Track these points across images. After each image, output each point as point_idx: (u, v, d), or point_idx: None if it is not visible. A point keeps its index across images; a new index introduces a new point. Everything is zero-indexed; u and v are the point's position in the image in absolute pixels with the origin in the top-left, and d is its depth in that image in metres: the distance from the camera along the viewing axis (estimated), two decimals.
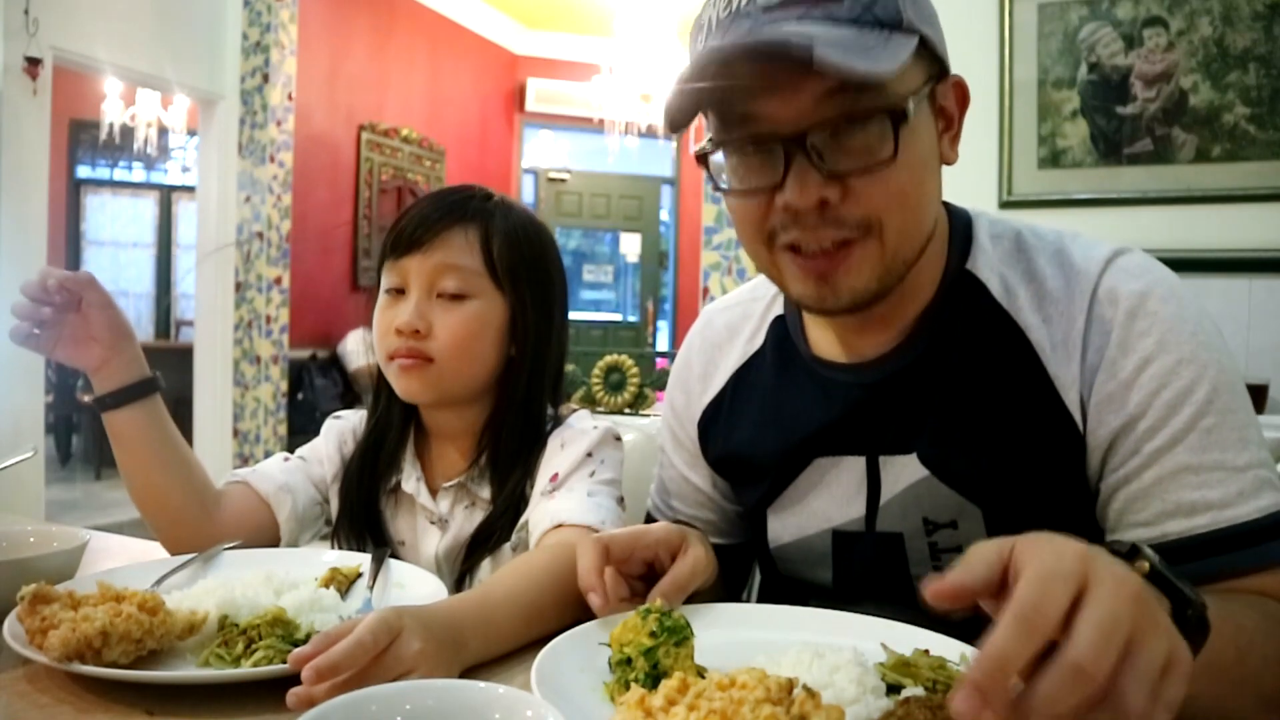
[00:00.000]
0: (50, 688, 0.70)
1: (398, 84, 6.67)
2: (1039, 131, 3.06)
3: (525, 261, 1.07)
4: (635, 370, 2.65)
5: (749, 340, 0.98)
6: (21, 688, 0.70)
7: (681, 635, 0.68)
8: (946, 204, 0.88)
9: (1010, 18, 3.06)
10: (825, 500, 0.90)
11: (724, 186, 0.79)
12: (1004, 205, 3.10)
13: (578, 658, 0.70)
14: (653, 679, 0.65)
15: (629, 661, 0.67)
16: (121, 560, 1.01)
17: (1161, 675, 0.45)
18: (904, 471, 0.85)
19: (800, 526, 0.92)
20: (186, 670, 0.73)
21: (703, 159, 0.79)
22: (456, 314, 1.03)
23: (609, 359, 2.69)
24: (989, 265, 0.84)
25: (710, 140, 0.78)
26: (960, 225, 0.87)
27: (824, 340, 0.91)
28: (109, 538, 1.20)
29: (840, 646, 0.66)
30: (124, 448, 1.01)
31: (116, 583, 0.78)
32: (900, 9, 0.73)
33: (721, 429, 0.99)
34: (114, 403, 0.99)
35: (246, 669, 0.71)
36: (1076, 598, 0.45)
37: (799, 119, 0.72)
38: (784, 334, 0.95)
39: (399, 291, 1.04)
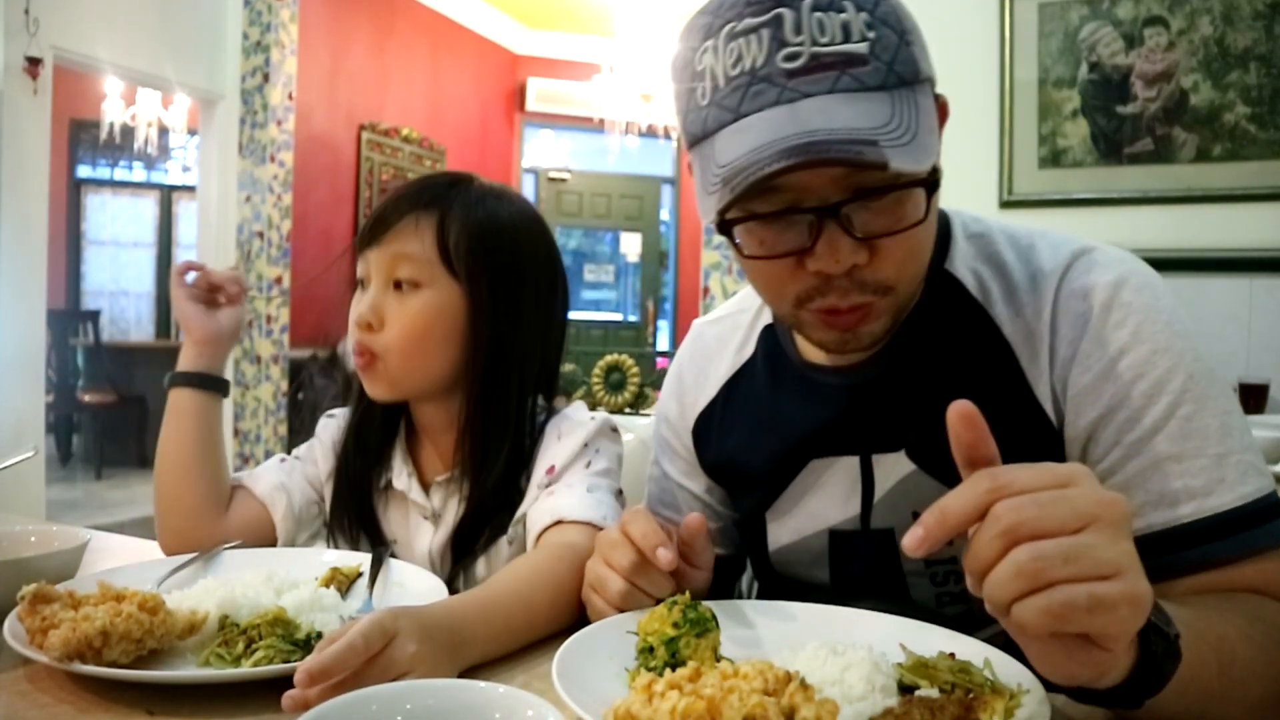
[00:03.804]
0: (50, 687, 0.70)
1: (398, 84, 6.67)
2: (1039, 131, 3.06)
3: (489, 250, 1.03)
4: (635, 370, 2.65)
5: (739, 350, 0.99)
6: (22, 687, 0.70)
7: (704, 627, 0.70)
8: None
9: (1010, 17, 3.06)
10: (821, 501, 0.91)
11: (747, 253, 0.76)
12: (1004, 205, 3.10)
13: (608, 644, 0.73)
14: (672, 668, 0.65)
15: (651, 650, 0.69)
16: (122, 560, 1.01)
17: (1093, 579, 0.47)
18: (894, 468, 0.86)
19: (798, 529, 0.93)
20: (187, 670, 0.73)
21: (725, 228, 0.75)
22: (408, 305, 1.02)
23: (609, 359, 2.68)
24: (964, 262, 0.86)
25: (720, 213, 0.73)
26: (940, 225, 0.88)
27: (813, 346, 0.90)
28: (109, 537, 1.20)
29: (859, 645, 0.67)
30: (176, 426, 1.07)
31: (117, 582, 0.78)
32: (917, 61, 0.71)
33: (715, 434, 1.00)
34: (185, 382, 1.08)
35: (246, 669, 0.71)
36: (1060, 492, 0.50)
37: (832, 191, 0.71)
38: (774, 342, 0.96)
39: (364, 285, 1.06)
